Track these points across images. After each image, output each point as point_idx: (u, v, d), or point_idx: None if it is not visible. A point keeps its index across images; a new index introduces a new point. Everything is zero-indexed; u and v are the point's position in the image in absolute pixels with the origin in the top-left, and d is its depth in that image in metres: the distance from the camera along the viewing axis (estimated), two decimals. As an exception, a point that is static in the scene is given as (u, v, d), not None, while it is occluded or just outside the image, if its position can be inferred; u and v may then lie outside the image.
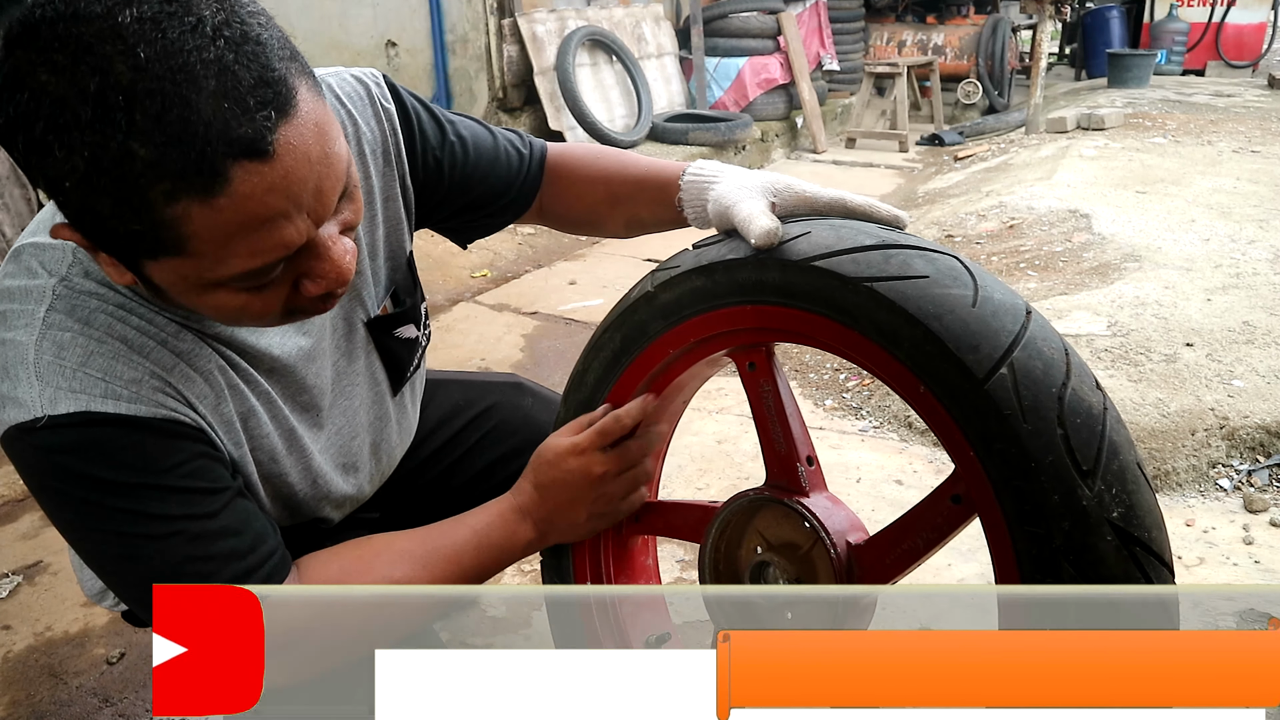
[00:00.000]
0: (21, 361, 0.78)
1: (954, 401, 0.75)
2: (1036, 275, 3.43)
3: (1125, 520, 0.71)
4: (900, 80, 7.04)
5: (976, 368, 0.73)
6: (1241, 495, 2.11)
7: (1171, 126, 6.14)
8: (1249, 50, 9.58)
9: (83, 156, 0.63)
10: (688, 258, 0.92)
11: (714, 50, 6.61)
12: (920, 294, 0.76)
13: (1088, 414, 0.72)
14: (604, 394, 1.02)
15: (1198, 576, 1.85)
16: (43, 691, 1.65)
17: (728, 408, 2.64)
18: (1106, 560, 0.70)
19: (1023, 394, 0.72)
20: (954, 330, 0.74)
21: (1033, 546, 0.72)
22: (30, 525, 2.18)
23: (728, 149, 5.98)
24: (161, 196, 0.65)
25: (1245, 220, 3.93)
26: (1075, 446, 0.71)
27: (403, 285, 1.07)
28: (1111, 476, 0.71)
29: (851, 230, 0.83)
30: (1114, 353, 2.59)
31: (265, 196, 0.67)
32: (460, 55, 5.63)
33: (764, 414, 0.96)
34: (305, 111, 0.69)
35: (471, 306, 3.72)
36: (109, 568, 0.85)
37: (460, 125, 1.07)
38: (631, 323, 0.97)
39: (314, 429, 1.00)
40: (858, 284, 0.78)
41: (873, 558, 0.87)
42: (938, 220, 4.49)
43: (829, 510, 0.92)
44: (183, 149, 0.63)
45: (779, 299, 0.85)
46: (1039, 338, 0.75)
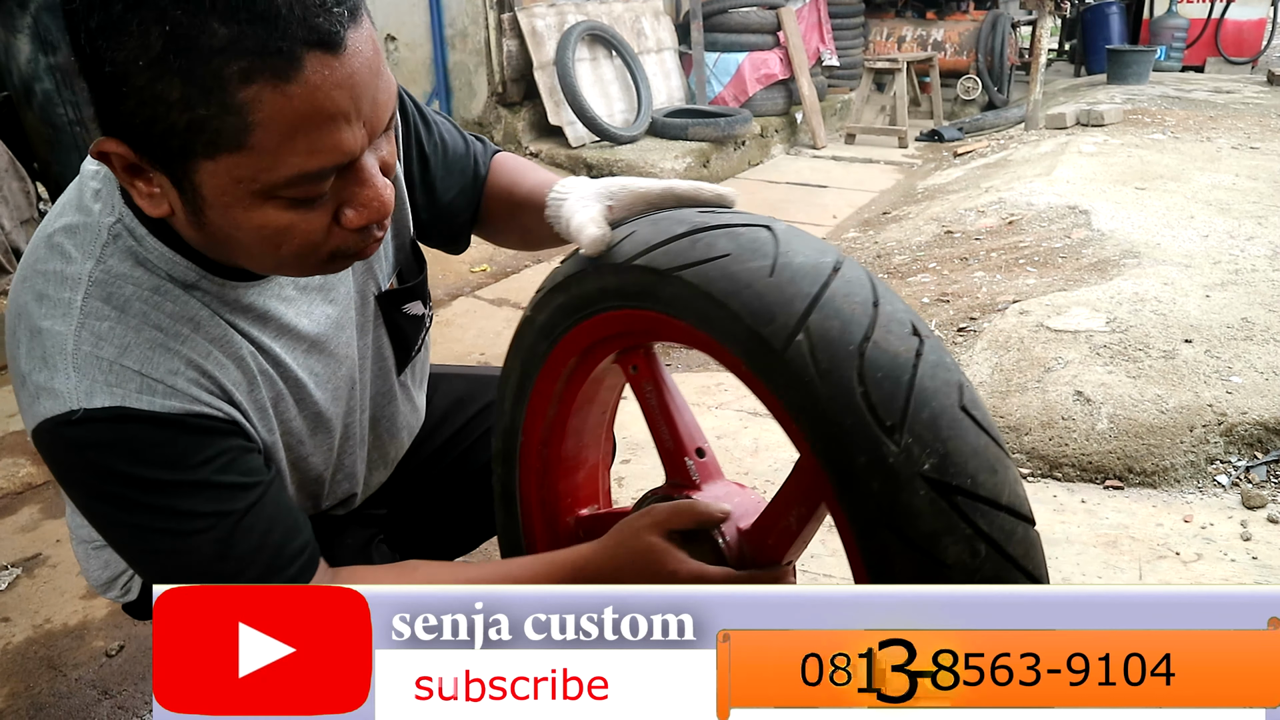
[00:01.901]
0: (60, 351, 0.78)
1: (765, 376, 0.74)
2: (1036, 271, 3.43)
3: (939, 470, 0.67)
4: (900, 76, 7.03)
5: (774, 339, 0.72)
6: (1239, 491, 2.11)
7: (1171, 123, 6.13)
8: (1248, 46, 9.57)
9: (161, 31, 0.64)
10: (550, 276, 0.93)
11: (714, 45, 6.60)
12: (721, 273, 0.75)
13: (891, 366, 0.69)
14: (520, 420, 1.03)
15: (1196, 572, 1.85)
16: (42, 684, 1.65)
17: (726, 403, 2.64)
18: (923, 514, 0.67)
19: (819, 357, 0.69)
20: (751, 305, 0.73)
21: (855, 512, 0.70)
22: (29, 518, 2.18)
23: (727, 144, 5.98)
24: (236, 75, 0.66)
25: (1244, 217, 3.93)
26: (877, 403, 0.68)
27: (407, 266, 1.08)
28: (921, 427, 0.67)
29: (670, 221, 0.82)
30: (1113, 349, 2.59)
31: (333, 91, 0.68)
32: (460, 49, 5.62)
33: (651, 413, 0.97)
34: (367, 28, 0.72)
35: (471, 301, 3.72)
36: (139, 560, 0.87)
37: (443, 128, 1.09)
38: (523, 348, 1.00)
39: (336, 402, 1.00)
40: (670, 274, 0.78)
41: (757, 540, 0.87)
42: (937, 216, 4.48)
43: (722, 498, 0.92)
44: (263, 29, 0.65)
45: (620, 302, 0.86)
46: (840, 294, 0.72)
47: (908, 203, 5.11)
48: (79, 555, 1.14)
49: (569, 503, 1.09)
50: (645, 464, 2.29)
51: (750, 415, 2.57)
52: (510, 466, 1.08)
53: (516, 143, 5.64)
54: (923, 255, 3.89)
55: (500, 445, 1.08)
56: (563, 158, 5.53)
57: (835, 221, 4.90)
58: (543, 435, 1.04)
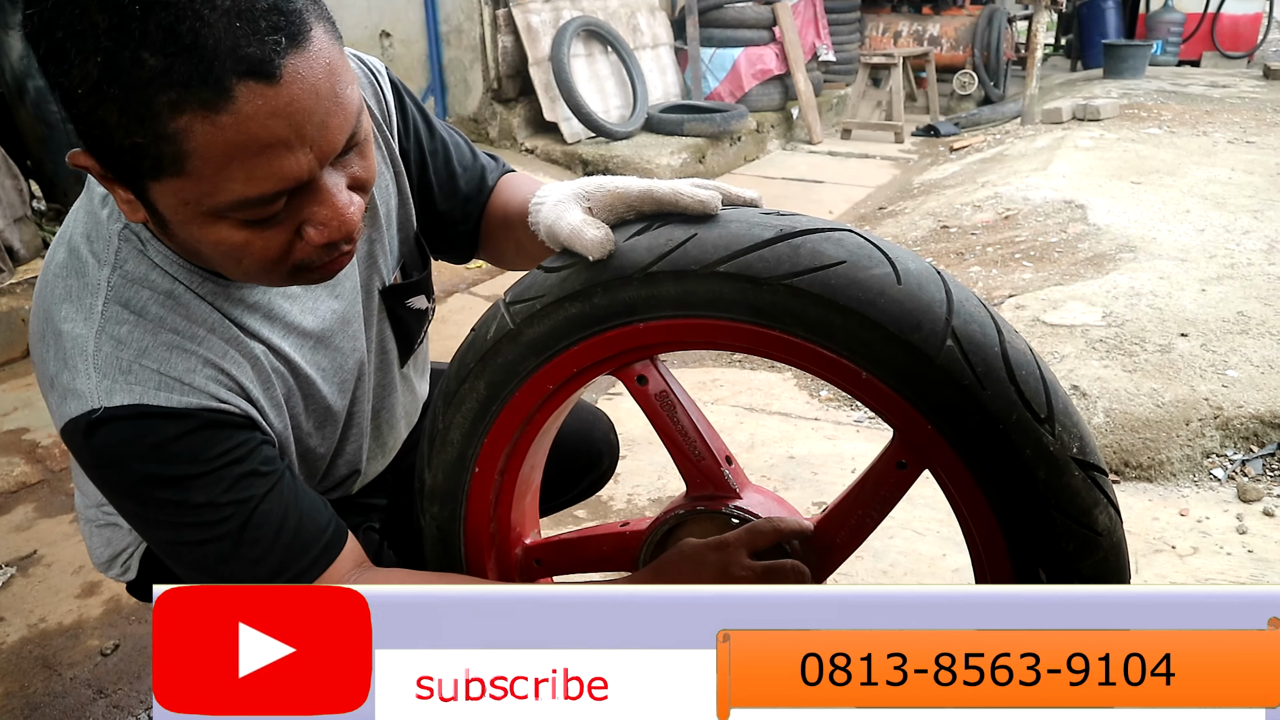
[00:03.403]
0: (82, 354, 0.81)
1: (904, 382, 0.75)
2: (1032, 266, 3.43)
3: (1083, 451, 0.75)
4: (896, 71, 7.02)
5: (925, 345, 0.73)
6: (1235, 485, 2.12)
7: (1167, 117, 6.14)
8: (1244, 41, 9.58)
9: (96, 63, 0.65)
10: (550, 284, 0.83)
11: (709, 41, 6.59)
12: (845, 282, 0.74)
13: (1025, 362, 0.74)
14: (476, 449, 0.92)
15: (1192, 566, 1.86)
16: (36, 683, 1.65)
17: (722, 399, 2.64)
18: (1080, 494, 0.74)
19: (974, 361, 0.73)
20: (891, 313, 0.73)
21: (1018, 499, 0.75)
22: (24, 517, 2.17)
23: (723, 140, 5.97)
24: (166, 107, 0.66)
25: (1240, 211, 3.93)
26: (1029, 397, 0.73)
27: (411, 260, 1.08)
28: (1063, 415, 0.74)
29: (742, 224, 0.78)
30: (1109, 343, 2.59)
31: (267, 120, 0.68)
32: (455, 46, 5.61)
33: (669, 426, 0.89)
34: (318, 48, 0.70)
35: (466, 297, 3.71)
36: (166, 551, 0.89)
37: (449, 136, 1.09)
38: (495, 366, 0.87)
39: (342, 396, 1.01)
40: (775, 283, 0.75)
41: (826, 538, 0.87)
42: (933, 211, 4.48)
43: (770, 507, 0.90)
44: (191, 60, 0.65)
45: (675, 312, 0.80)
46: (963, 299, 0.75)
47: (904, 198, 5.11)
48: (84, 533, 1.16)
49: (518, 532, 1.00)
50: (640, 460, 2.29)
51: (745, 411, 2.57)
52: (453, 504, 0.96)
53: (512, 139, 5.63)
54: (919, 251, 3.88)
55: (438, 482, 0.95)
56: (558, 154, 5.52)
57: (832, 217, 4.90)
58: (502, 464, 0.93)
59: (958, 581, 1.76)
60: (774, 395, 2.67)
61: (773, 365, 2.85)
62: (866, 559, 1.83)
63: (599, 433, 1.38)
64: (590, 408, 1.41)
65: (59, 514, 2.18)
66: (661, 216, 0.82)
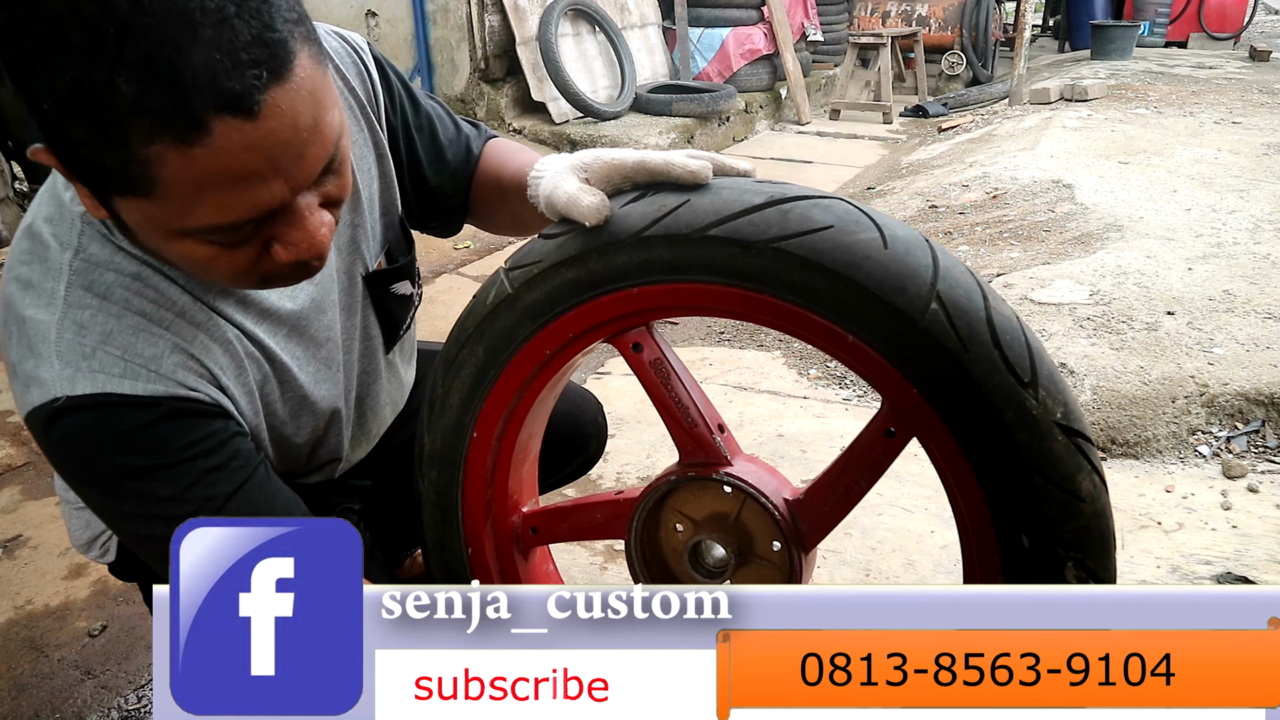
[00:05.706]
0: (44, 340, 0.78)
1: (889, 345, 0.76)
2: (1020, 245, 3.43)
3: (1067, 417, 0.75)
4: (884, 51, 7.00)
5: (909, 309, 0.74)
6: (1220, 462, 2.13)
7: (1154, 98, 6.15)
8: (1231, 22, 9.59)
9: (65, 80, 0.62)
10: (547, 250, 0.86)
11: (698, 20, 6.55)
12: (832, 245, 0.75)
13: (1010, 327, 0.75)
14: (474, 414, 0.94)
15: (1177, 541, 1.87)
16: (24, 664, 1.64)
17: (711, 377, 2.64)
18: (1063, 459, 0.74)
19: (958, 325, 0.73)
20: (877, 276, 0.74)
21: (1000, 463, 0.75)
22: (9, 499, 2.16)
23: (711, 120, 5.95)
24: (138, 134, 0.63)
25: (1226, 190, 3.95)
26: (1013, 362, 0.73)
27: (396, 245, 1.07)
28: (1046, 380, 0.74)
29: (733, 191, 0.80)
30: (1096, 321, 2.60)
31: (242, 154, 0.66)
32: (441, 25, 5.56)
33: (663, 393, 0.92)
34: (301, 77, 0.67)
35: (455, 278, 3.69)
36: (132, 542, 0.87)
37: (433, 110, 1.07)
38: (494, 331, 0.90)
39: (319, 384, 0.99)
40: (761, 246, 0.77)
41: (814, 506, 0.88)
42: (921, 191, 4.48)
43: (760, 474, 0.91)
44: (166, 91, 0.62)
45: (668, 276, 0.82)
46: (949, 265, 0.76)
47: (892, 178, 5.10)
48: (64, 515, 1.15)
49: (514, 500, 1.02)
50: (628, 438, 2.29)
51: (735, 389, 2.57)
52: (451, 469, 0.97)
53: (500, 119, 5.59)
54: (907, 230, 3.88)
55: (436, 446, 0.97)
56: (546, 134, 5.49)
57: (820, 197, 4.89)
58: (499, 429, 0.95)
59: (945, 558, 1.76)
60: (763, 374, 2.67)
61: (761, 344, 2.85)
62: (855, 535, 1.84)
63: (587, 415, 1.38)
64: (579, 390, 1.41)
65: (44, 496, 2.16)
66: (656, 186, 0.84)
